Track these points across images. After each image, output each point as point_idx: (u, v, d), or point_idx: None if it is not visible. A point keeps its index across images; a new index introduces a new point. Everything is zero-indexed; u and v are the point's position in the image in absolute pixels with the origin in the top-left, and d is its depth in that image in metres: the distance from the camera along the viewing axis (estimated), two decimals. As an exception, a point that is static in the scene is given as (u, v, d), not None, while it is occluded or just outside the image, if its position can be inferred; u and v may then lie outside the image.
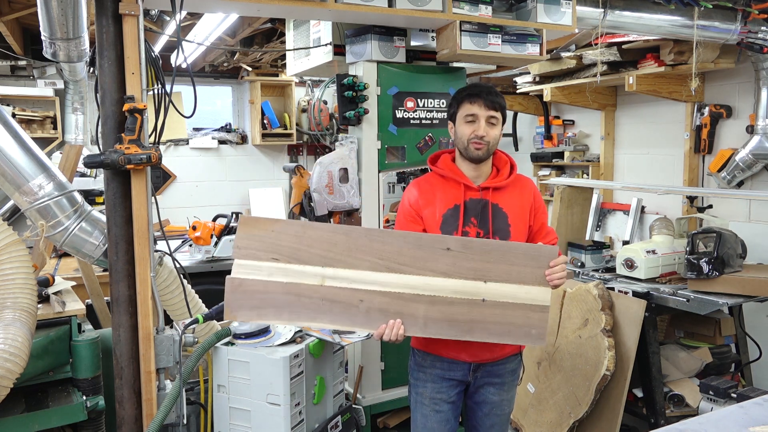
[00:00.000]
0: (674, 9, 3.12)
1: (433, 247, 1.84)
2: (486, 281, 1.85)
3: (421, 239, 1.86)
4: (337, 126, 5.68)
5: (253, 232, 1.78)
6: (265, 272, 1.78)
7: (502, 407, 2.15)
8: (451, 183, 2.05)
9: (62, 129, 4.98)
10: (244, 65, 5.71)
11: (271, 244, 1.79)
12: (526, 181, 2.16)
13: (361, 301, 1.82)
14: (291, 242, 1.79)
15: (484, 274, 1.85)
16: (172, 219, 5.60)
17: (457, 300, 1.84)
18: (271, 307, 1.79)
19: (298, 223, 1.83)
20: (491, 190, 2.04)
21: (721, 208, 3.85)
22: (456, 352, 2.05)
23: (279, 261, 1.78)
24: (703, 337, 3.47)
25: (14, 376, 1.87)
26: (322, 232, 1.82)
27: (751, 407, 1.51)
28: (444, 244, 1.85)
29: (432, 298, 1.84)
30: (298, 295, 1.80)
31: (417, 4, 2.41)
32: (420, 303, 1.83)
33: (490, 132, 2.00)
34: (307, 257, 1.80)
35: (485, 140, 1.99)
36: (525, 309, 1.86)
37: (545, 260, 1.87)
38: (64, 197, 2.13)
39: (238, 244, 1.78)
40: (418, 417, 2.13)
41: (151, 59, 2.12)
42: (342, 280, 1.81)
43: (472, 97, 2.01)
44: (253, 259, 1.78)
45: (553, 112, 5.21)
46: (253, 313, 1.81)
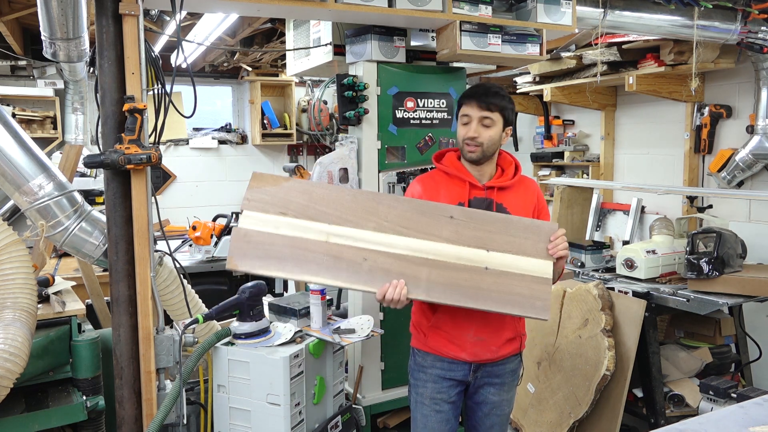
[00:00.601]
0: (674, 9, 3.12)
1: (436, 214, 1.87)
2: (488, 250, 1.87)
3: (424, 206, 1.89)
4: (337, 126, 5.68)
5: (264, 186, 1.80)
6: (271, 225, 1.79)
7: (502, 407, 2.15)
8: (455, 181, 2.06)
9: (62, 129, 4.98)
10: (244, 65, 5.71)
11: (281, 198, 1.81)
12: (530, 182, 2.16)
13: (365, 259, 1.82)
14: (299, 198, 1.81)
15: (486, 243, 1.87)
16: (172, 219, 5.60)
17: (460, 266, 1.85)
18: (274, 258, 1.79)
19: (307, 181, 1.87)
20: (496, 190, 2.04)
21: (721, 208, 3.85)
22: (456, 352, 2.05)
23: (286, 215, 1.80)
24: (703, 337, 3.48)
25: (14, 376, 1.87)
26: (330, 192, 1.85)
27: (751, 407, 1.51)
28: (447, 212, 1.88)
29: (435, 262, 1.84)
30: (303, 249, 1.80)
31: (417, 4, 2.41)
32: (423, 266, 1.84)
33: (483, 133, 1.99)
34: (314, 214, 1.82)
35: (477, 141, 1.99)
36: (528, 280, 1.87)
37: (545, 235, 1.90)
38: (64, 197, 2.13)
39: (248, 196, 1.80)
40: (418, 417, 2.14)
41: (151, 59, 2.12)
42: (347, 238, 1.81)
43: (466, 98, 2.03)
44: (261, 211, 1.80)
45: (553, 112, 5.21)
46: (256, 263, 1.80)
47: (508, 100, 2.05)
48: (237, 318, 2.24)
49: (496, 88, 2.05)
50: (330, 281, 1.85)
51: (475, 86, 2.07)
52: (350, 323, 2.44)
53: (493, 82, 2.13)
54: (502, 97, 2.03)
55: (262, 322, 2.25)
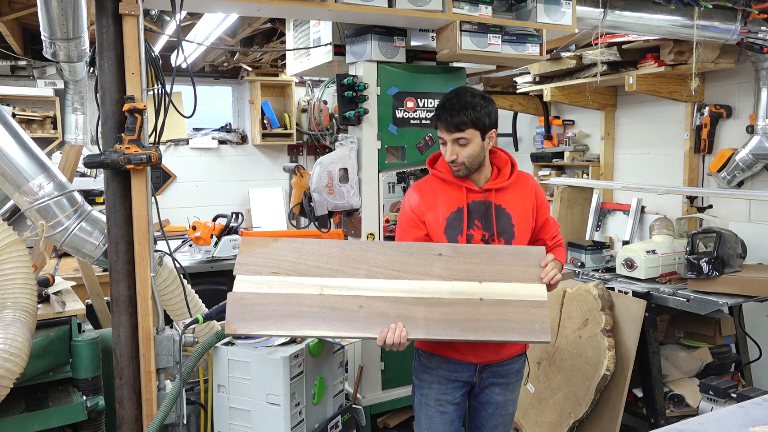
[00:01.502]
0: (674, 9, 3.12)
1: (425, 254, 1.91)
2: (481, 281, 1.89)
3: (412, 247, 1.93)
4: (337, 126, 5.68)
5: (254, 250, 1.87)
6: (265, 285, 1.84)
7: (506, 407, 2.14)
8: (452, 186, 2.04)
9: (62, 129, 4.98)
10: (244, 65, 5.71)
11: (271, 259, 1.86)
12: (527, 178, 2.14)
13: (360, 306, 1.84)
14: (289, 256, 1.87)
15: (477, 275, 1.89)
16: (172, 219, 5.60)
17: (455, 300, 1.86)
18: (272, 318, 1.82)
19: (297, 239, 1.91)
20: (494, 192, 2.03)
21: (721, 208, 3.85)
22: (462, 354, 2.04)
23: (279, 274, 1.85)
24: (703, 337, 3.48)
25: (14, 376, 1.87)
26: (318, 247, 1.90)
27: (751, 407, 1.51)
28: (435, 251, 1.92)
29: (430, 300, 1.86)
30: (298, 305, 1.83)
31: (417, 4, 2.41)
32: (419, 306, 1.85)
33: (460, 152, 1.95)
34: (305, 269, 1.87)
35: (458, 162, 1.97)
36: (524, 305, 1.87)
37: (534, 258, 1.91)
38: (64, 197, 2.13)
39: (240, 261, 1.85)
40: (422, 418, 2.12)
41: (151, 59, 2.12)
42: (340, 288, 1.86)
43: (438, 121, 1.98)
44: (254, 274, 1.85)
45: (553, 112, 5.21)
46: (254, 324, 1.83)
47: (481, 107, 1.92)
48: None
49: (463, 100, 1.92)
50: (329, 333, 1.88)
51: (441, 104, 1.97)
52: (350, 323, 2.43)
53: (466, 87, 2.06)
54: (473, 108, 1.90)
55: (262, 322, 2.25)
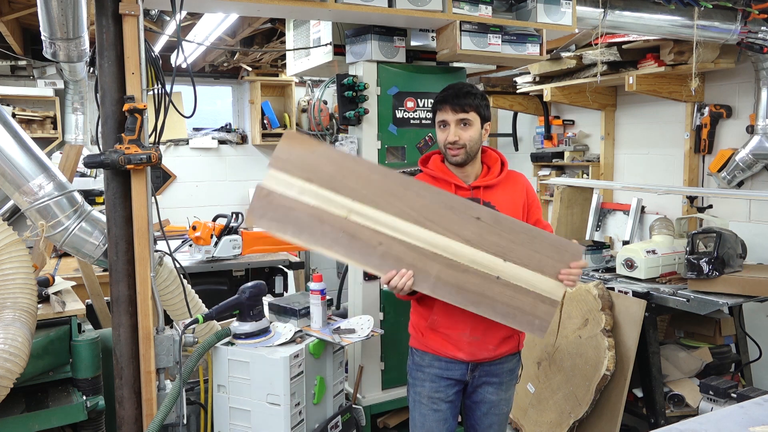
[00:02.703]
0: (674, 9, 3.12)
1: (464, 212, 1.82)
2: (506, 260, 1.83)
3: (454, 201, 1.83)
4: (337, 126, 5.68)
5: (295, 148, 1.74)
6: (295, 189, 1.76)
7: (500, 407, 2.15)
8: (441, 184, 2.04)
9: (62, 129, 4.98)
10: (244, 65, 5.71)
11: (309, 164, 1.75)
12: (518, 176, 2.15)
13: (380, 243, 1.80)
14: (328, 167, 1.75)
15: (505, 252, 1.83)
16: (172, 219, 5.60)
17: (472, 270, 1.83)
18: (292, 224, 1.77)
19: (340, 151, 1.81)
20: (482, 189, 2.03)
21: (721, 208, 3.85)
22: (453, 352, 2.05)
23: (312, 182, 1.75)
24: (703, 337, 3.48)
25: (14, 376, 1.87)
26: (360, 167, 1.79)
27: (751, 407, 1.51)
28: (475, 213, 1.83)
29: (449, 261, 1.82)
30: (321, 221, 1.77)
31: (417, 4, 2.41)
32: (436, 262, 1.81)
33: (462, 135, 1.98)
34: (340, 186, 1.77)
35: (459, 144, 1.98)
36: (535, 298, 1.85)
37: (569, 258, 1.86)
38: (64, 197, 2.13)
39: (277, 154, 1.74)
40: (416, 416, 2.14)
41: (151, 59, 2.12)
42: (367, 218, 1.78)
43: (440, 103, 2.01)
44: (288, 173, 1.75)
45: (553, 112, 5.21)
46: (273, 224, 1.78)
47: (482, 97, 2.03)
48: (237, 318, 2.25)
49: (467, 87, 2.03)
50: (341, 257, 1.84)
51: (446, 89, 2.04)
52: (350, 323, 2.44)
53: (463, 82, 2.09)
54: (475, 95, 2.00)
55: (262, 322, 2.25)
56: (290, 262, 4.06)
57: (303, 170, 1.75)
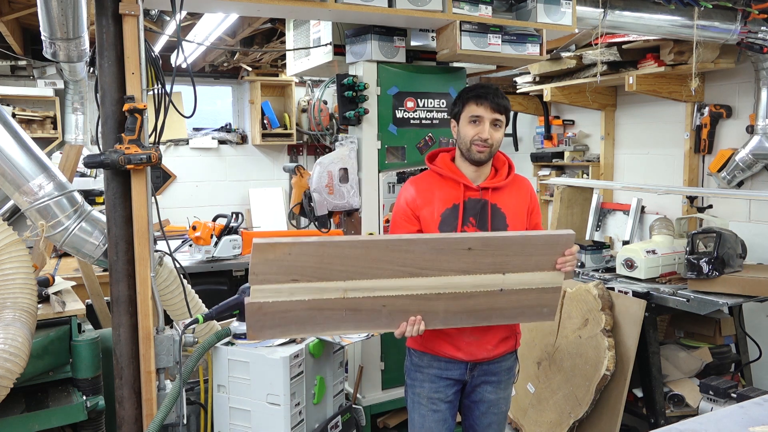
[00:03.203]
0: (674, 9, 3.12)
1: (454, 249, 1.81)
2: (504, 273, 1.86)
3: (442, 242, 1.81)
4: (337, 126, 5.68)
5: (269, 257, 1.70)
6: (285, 293, 1.74)
7: (498, 406, 2.15)
8: (449, 182, 2.05)
9: (62, 129, 4.98)
10: (244, 65, 5.71)
11: (289, 266, 1.72)
12: (523, 181, 2.16)
13: (383, 306, 1.82)
14: (310, 262, 1.73)
15: (502, 267, 1.85)
16: (172, 219, 5.60)
17: (476, 293, 1.86)
18: (293, 323, 1.79)
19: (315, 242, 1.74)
20: (490, 191, 2.04)
21: (721, 208, 3.85)
22: (452, 352, 2.05)
23: (299, 281, 1.74)
24: (703, 337, 3.48)
25: (14, 376, 1.87)
26: (341, 249, 1.76)
27: (751, 407, 1.51)
28: (465, 245, 1.81)
29: (453, 294, 1.84)
30: (320, 309, 1.78)
31: (417, 4, 2.41)
32: (440, 300, 1.84)
33: (494, 135, 2.00)
34: (327, 274, 1.75)
35: (489, 143, 1.99)
36: (539, 292, 1.91)
37: (561, 248, 1.88)
38: (64, 197, 2.13)
39: (254, 270, 1.71)
40: (415, 417, 2.13)
41: (151, 59, 2.12)
42: (364, 290, 1.79)
43: (479, 99, 1.99)
44: (272, 283, 1.73)
45: (553, 112, 5.21)
46: (276, 331, 1.81)
47: (509, 102, 2.08)
48: (237, 318, 2.25)
49: (500, 90, 2.06)
50: (352, 331, 1.90)
51: (481, 86, 2.05)
52: (350, 323, 2.43)
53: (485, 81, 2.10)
54: (507, 99, 2.05)
55: (262, 322, 2.25)
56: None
57: (286, 274, 1.72)
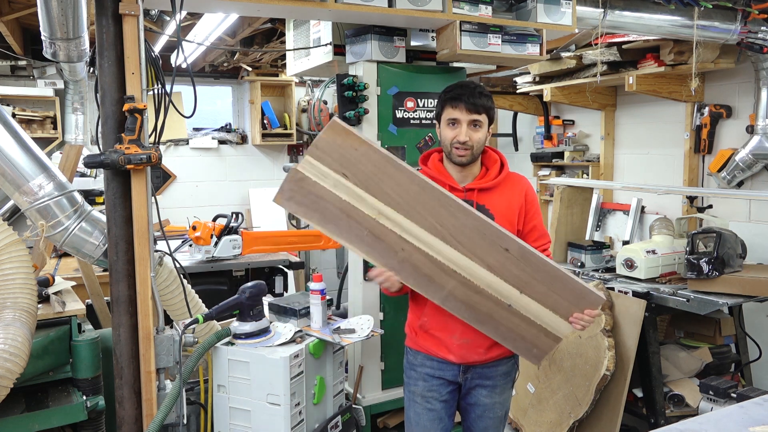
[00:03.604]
0: (674, 9, 3.12)
1: (494, 242, 1.79)
2: (522, 292, 1.83)
3: (487, 228, 1.79)
4: (337, 126, 5.67)
5: (337, 141, 1.69)
6: (330, 181, 1.72)
7: (494, 410, 2.12)
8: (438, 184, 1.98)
9: (62, 129, 4.98)
10: (244, 65, 5.71)
11: (349, 160, 1.71)
12: (518, 179, 2.10)
13: (402, 249, 1.79)
14: (367, 168, 1.71)
15: (524, 286, 1.82)
16: (172, 219, 5.60)
17: (486, 293, 1.83)
18: (319, 213, 1.76)
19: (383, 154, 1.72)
20: (476, 192, 2.00)
21: (721, 208, 3.85)
22: (444, 354, 2.04)
23: (348, 179, 1.72)
24: (703, 337, 3.48)
25: (14, 376, 1.87)
26: (400, 175, 1.74)
27: (751, 407, 1.51)
28: (505, 244, 1.79)
29: (465, 280, 1.82)
30: (348, 216, 1.76)
31: (417, 4, 2.41)
32: (452, 278, 1.82)
33: (473, 136, 1.95)
34: (374, 189, 1.74)
35: (468, 145, 1.95)
36: (540, 330, 1.87)
37: (586, 305, 1.84)
38: (64, 197, 2.13)
39: (318, 144, 1.69)
40: (411, 415, 2.14)
41: (151, 59, 2.12)
42: (395, 224, 1.76)
43: (454, 101, 1.95)
44: (325, 164, 1.71)
45: (553, 112, 5.21)
46: (300, 208, 1.77)
47: (491, 99, 2.01)
48: (237, 318, 2.25)
49: (479, 87, 2.00)
50: (361, 254, 1.86)
51: (458, 86, 2.00)
52: (350, 323, 2.44)
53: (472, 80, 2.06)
54: (487, 96, 1.98)
55: (262, 322, 2.25)
56: (290, 262, 4.06)
57: (341, 165, 1.71)
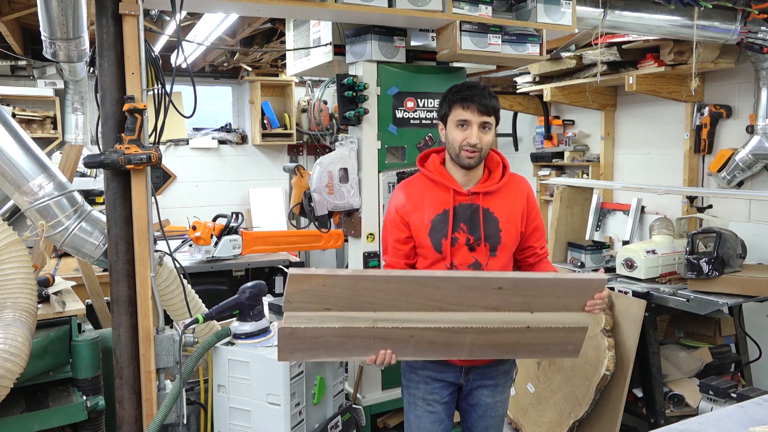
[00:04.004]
0: (674, 9, 3.12)
1: (485, 288, 1.82)
2: (533, 312, 1.85)
3: (472, 281, 1.82)
4: (337, 126, 5.68)
5: (304, 288, 1.75)
6: (317, 320, 1.79)
7: (496, 409, 2.13)
8: (440, 187, 2.00)
9: (62, 129, 4.98)
10: (244, 65, 5.71)
11: (323, 296, 1.77)
12: (519, 181, 2.09)
13: (411, 336, 1.85)
14: (343, 293, 1.78)
15: (531, 306, 1.85)
16: (172, 219, 5.60)
17: (503, 329, 1.87)
18: (323, 348, 1.83)
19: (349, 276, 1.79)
20: (482, 195, 1.99)
21: (721, 208, 3.85)
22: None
23: (331, 310, 1.79)
24: (703, 337, 3.48)
25: (14, 376, 1.87)
26: (373, 283, 1.80)
27: (751, 407, 1.51)
28: (496, 284, 1.82)
29: (480, 329, 1.86)
30: (350, 337, 1.82)
31: (417, 4, 2.41)
32: (468, 333, 1.86)
33: (483, 138, 1.93)
34: (359, 305, 1.80)
35: (478, 147, 1.92)
36: (566, 331, 1.90)
37: (593, 291, 1.85)
38: (64, 197, 2.13)
39: (289, 299, 1.76)
40: (411, 418, 2.13)
41: (151, 59, 2.12)
42: (393, 321, 1.82)
43: (465, 102, 1.92)
44: (305, 311, 1.78)
45: (553, 112, 5.21)
46: (306, 354, 1.86)
47: (498, 101, 1.99)
48: (237, 318, 2.25)
49: (488, 88, 1.98)
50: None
51: (467, 86, 1.97)
52: (350, 323, 2.43)
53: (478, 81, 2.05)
54: (495, 98, 1.97)
55: (262, 322, 2.25)
56: (290, 262, 4.06)
57: (319, 303, 1.78)
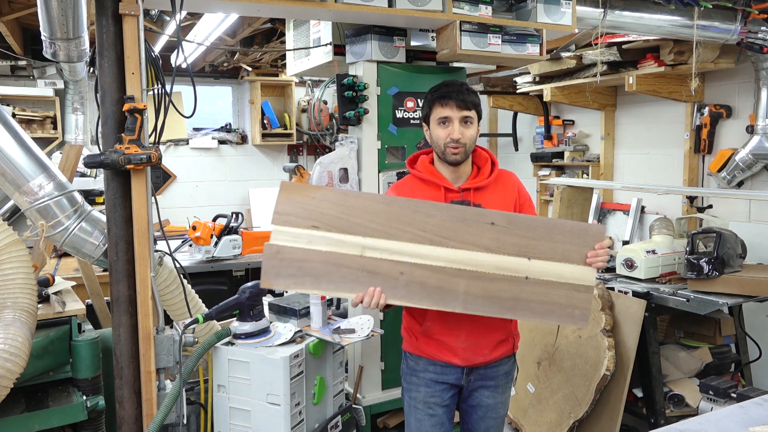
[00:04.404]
0: (674, 9, 3.12)
1: (477, 221, 1.78)
2: (530, 258, 1.79)
3: (465, 212, 1.79)
4: (337, 126, 5.68)
5: (294, 198, 1.71)
6: (304, 240, 1.72)
7: (496, 410, 2.12)
8: (430, 185, 2.00)
9: (62, 129, 4.98)
10: (244, 65, 5.71)
11: (312, 211, 1.72)
12: (509, 176, 2.10)
13: (401, 273, 1.76)
14: (331, 210, 1.72)
15: (528, 251, 1.79)
16: (172, 219, 5.60)
17: (499, 276, 1.79)
18: (309, 276, 1.74)
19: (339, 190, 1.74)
20: (472, 191, 1.99)
21: (721, 208, 3.85)
22: (448, 357, 2.02)
23: (319, 229, 1.72)
24: (703, 337, 3.48)
25: (14, 376, 1.87)
26: (363, 201, 1.75)
27: (751, 407, 1.51)
28: (488, 219, 1.78)
29: (474, 273, 1.78)
30: (337, 265, 1.74)
31: (417, 4, 2.41)
32: (461, 278, 1.78)
33: (465, 133, 1.94)
34: (347, 226, 1.73)
35: (461, 142, 1.93)
36: (568, 288, 1.82)
37: (591, 240, 1.81)
38: (64, 197, 2.13)
39: (278, 209, 1.71)
40: (412, 421, 2.12)
41: (151, 59, 2.12)
42: (383, 251, 1.75)
43: (443, 99, 1.94)
44: (292, 225, 1.71)
45: (553, 112, 5.21)
46: (290, 281, 1.76)
47: (478, 95, 2.00)
48: (237, 318, 2.25)
49: (465, 84, 2.00)
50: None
51: (444, 84, 1.99)
52: (350, 323, 2.44)
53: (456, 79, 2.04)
54: (474, 93, 1.97)
55: (262, 322, 2.25)
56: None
57: (307, 219, 1.72)
